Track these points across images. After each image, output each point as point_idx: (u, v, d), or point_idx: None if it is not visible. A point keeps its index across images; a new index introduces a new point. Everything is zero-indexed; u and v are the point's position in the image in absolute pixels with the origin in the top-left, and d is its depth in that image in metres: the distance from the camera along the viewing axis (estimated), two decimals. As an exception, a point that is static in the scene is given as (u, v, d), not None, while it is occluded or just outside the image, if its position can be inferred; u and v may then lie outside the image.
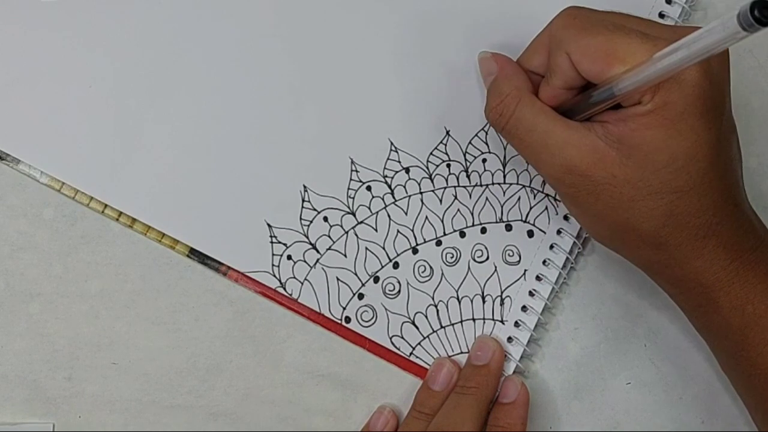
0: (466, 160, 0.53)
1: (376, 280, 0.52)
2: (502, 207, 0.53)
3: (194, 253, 0.51)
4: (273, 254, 0.52)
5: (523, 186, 0.53)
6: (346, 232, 0.52)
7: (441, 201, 0.52)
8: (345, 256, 0.52)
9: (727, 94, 0.44)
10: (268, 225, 0.52)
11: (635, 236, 0.44)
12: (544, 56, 0.46)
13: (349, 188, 0.52)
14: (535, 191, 0.53)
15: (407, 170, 0.52)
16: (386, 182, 0.52)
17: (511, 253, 0.53)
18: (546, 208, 0.53)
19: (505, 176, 0.53)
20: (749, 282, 0.44)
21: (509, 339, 0.52)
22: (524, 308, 0.52)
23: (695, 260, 0.44)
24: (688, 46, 0.36)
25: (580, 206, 0.45)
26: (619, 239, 0.45)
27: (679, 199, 0.42)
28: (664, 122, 0.41)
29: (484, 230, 0.53)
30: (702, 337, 0.48)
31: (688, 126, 0.41)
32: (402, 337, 0.52)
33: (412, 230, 0.52)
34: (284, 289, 0.52)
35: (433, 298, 0.52)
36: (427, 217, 0.52)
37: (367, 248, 0.52)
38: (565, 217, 0.53)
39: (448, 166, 0.53)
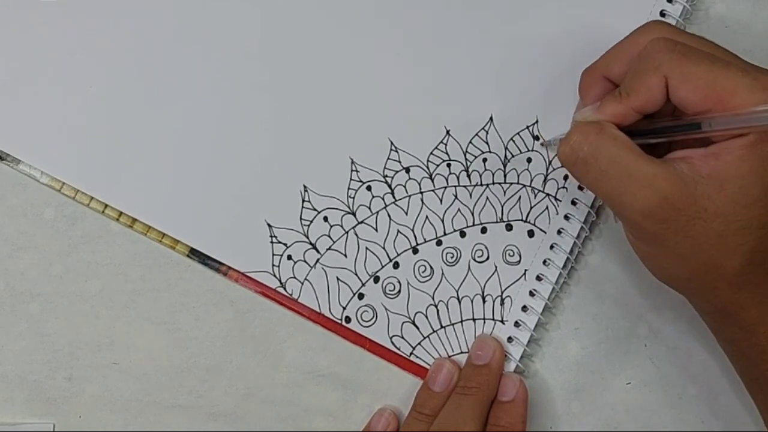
0: (466, 159, 0.53)
1: (377, 280, 0.52)
2: (502, 207, 0.53)
3: (194, 253, 0.51)
4: (273, 254, 0.52)
5: (524, 186, 0.53)
6: (347, 232, 0.52)
7: (441, 201, 0.52)
8: (345, 256, 0.52)
9: None
10: (269, 225, 0.52)
11: (717, 276, 0.43)
12: (625, 67, 0.45)
13: (349, 188, 0.52)
14: (536, 191, 0.53)
15: (407, 170, 0.52)
16: (386, 182, 0.52)
17: (511, 253, 0.53)
18: (546, 207, 0.53)
19: (505, 176, 0.53)
20: None
21: (509, 339, 0.52)
22: (524, 308, 0.52)
23: None
24: None
25: (664, 246, 0.43)
26: (698, 280, 0.44)
27: (766, 235, 0.42)
28: (761, 156, 0.41)
29: (484, 230, 0.53)
30: (755, 391, 0.47)
31: None
32: (402, 337, 0.52)
33: (413, 230, 0.52)
34: (284, 289, 0.52)
35: (433, 298, 0.52)
36: (427, 217, 0.52)
37: (367, 248, 0.52)
38: (566, 217, 0.53)
39: (449, 165, 0.53)
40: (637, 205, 0.42)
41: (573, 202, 0.52)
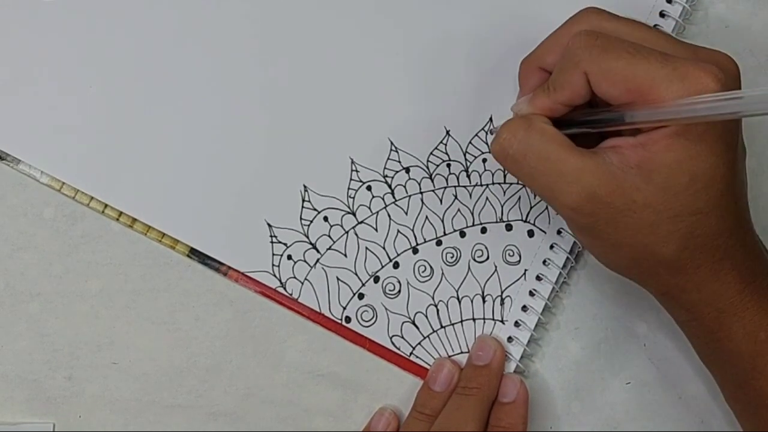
0: (466, 159, 0.53)
1: (377, 279, 0.52)
2: (502, 207, 0.53)
3: (194, 253, 0.51)
4: (273, 254, 0.52)
5: (524, 186, 0.53)
6: (347, 232, 0.52)
7: (441, 201, 0.52)
8: (345, 255, 0.52)
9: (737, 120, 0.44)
10: (269, 225, 0.52)
11: (655, 262, 0.43)
12: (558, 57, 0.45)
13: (349, 188, 0.52)
14: (536, 191, 0.53)
15: (407, 170, 0.52)
16: (386, 182, 0.52)
17: (511, 253, 0.53)
18: (546, 207, 0.53)
19: (505, 176, 0.53)
20: (762, 308, 0.44)
21: (509, 339, 0.52)
22: (524, 308, 0.52)
23: (712, 283, 0.43)
24: (714, 106, 0.37)
25: (598, 237, 0.44)
26: (637, 267, 0.45)
27: (698, 221, 0.42)
28: (686, 144, 0.41)
29: (484, 230, 0.53)
30: (710, 368, 0.48)
31: (708, 147, 0.41)
32: (402, 337, 0.52)
33: (413, 230, 0.52)
34: (284, 288, 0.52)
35: (433, 298, 0.52)
36: (427, 217, 0.52)
37: (367, 248, 0.52)
38: (566, 217, 0.53)
39: (449, 165, 0.53)
40: (566, 200, 0.42)
41: (573, 202, 0.52)
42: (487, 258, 0.52)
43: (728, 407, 0.49)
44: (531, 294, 0.52)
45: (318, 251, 0.52)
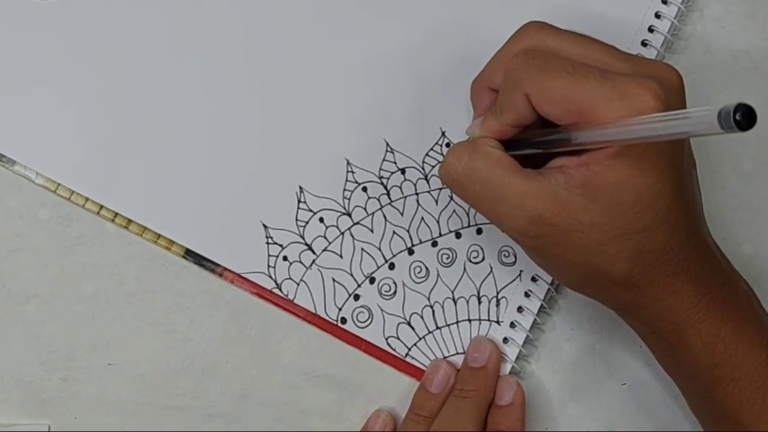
0: (462, 160, 0.53)
1: (372, 281, 0.52)
2: (498, 208, 0.53)
3: (190, 254, 0.51)
4: (269, 255, 0.51)
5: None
6: (342, 233, 0.52)
7: (437, 202, 0.52)
8: (341, 257, 0.52)
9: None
10: (264, 226, 0.52)
11: (607, 280, 0.43)
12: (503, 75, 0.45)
13: (345, 189, 0.52)
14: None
15: (403, 171, 0.52)
16: (382, 183, 0.52)
17: (506, 254, 0.53)
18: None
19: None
20: (719, 320, 0.44)
21: (505, 340, 0.52)
22: (520, 309, 0.53)
23: (667, 298, 0.43)
24: (655, 127, 0.36)
25: (547, 257, 0.44)
26: (591, 285, 0.45)
27: (646, 238, 0.42)
28: (628, 162, 0.41)
29: (479, 231, 0.53)
30: (672, 378, 0.48)
31: (651, 164, 0.41)
32: (398, 338, 0.52)
33: (408, 231, 0.52)
34: (280, 290, 0.52)
35: (428, 299, 0.52)
36: (422, 218, 0.52)
37: (362, 249, 0.52)
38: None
39: (444, 166, 0.53)
40: (511, 224, 0.43)
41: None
42: (483, 259, 0.53)
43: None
44: (526, 295, 0.52)
45: (314, 252, 0.52)
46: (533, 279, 0.52)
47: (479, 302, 0.52)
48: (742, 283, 0.46)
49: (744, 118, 0.31)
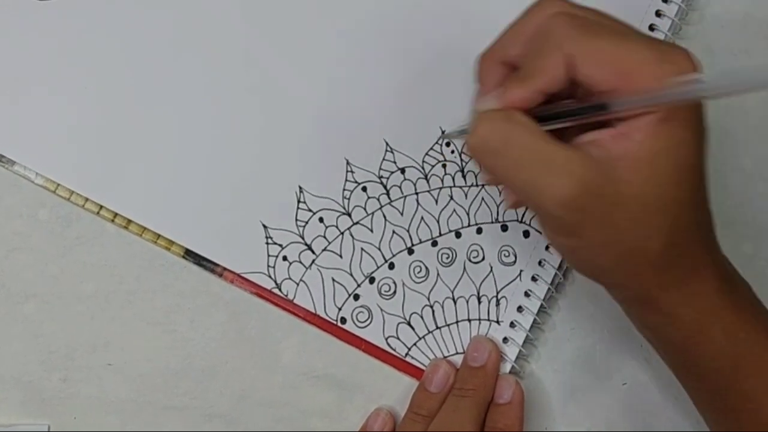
0: (461, 160, 0.53)
1: (372, 280, 0.52)
2: (497, 207, 0.53)
3: (190, 254, 0.51)
4: (269, 255, 0.51)
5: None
6: (342, 233, 0.52)
7: (437, 201, 0.52)
8: (340, 256, 0.52)
9: (704, 113, 0.43)
10: (264, 226, 0.52)
11: (641, 259, 0.41)
12: (522, 49, 0.42)
13: (344, 189, 0.52)
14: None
15: (403, 171, 0.52)
16: (382, 183, 0.52)
17: (506, 254, 0.53)
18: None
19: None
20: (739, 308, 0.43)
21: (505, 339, 0.52)
22: (520, 309, 0.52)
23: (692, 280, 0.42)
24: (714, 80, 0.35)
25: (583, 236, 0.40)
26: (623, 267, 0.42)
27: (681, 212, 0.41)
28: (671, 133, 0.39)
29: (479, 231, 0.53)
30: (684, 377, 0.47)
31: (690, 136, 0.40)
32: (398, 338, 0.52)
33: (408, 231, 0.52)
34: (280, 290, 0.51)
35: (428, 299, 0.52)
36: (422, 218, 0.52)
37: (362, 249, 0.52)
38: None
39: (444, 166, 0.53)
40: (556, 194, 0.39)
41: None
42: (483, 258, 0.52)
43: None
44: (526, 295, 0.52)
45: (313, 252, 0.52)
46: (533, 279, 0.52)
47: (479, 302, 0.52)
48: (740, 274, 0.46)
49: None
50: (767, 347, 0.43)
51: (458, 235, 0.53)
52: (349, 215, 0.52)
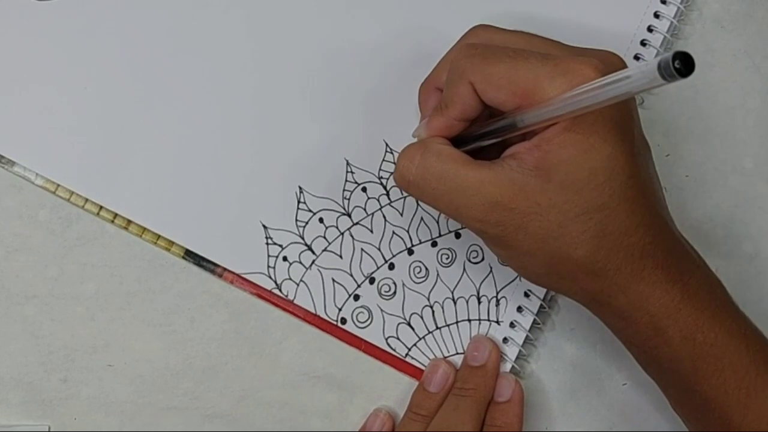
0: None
1: (372, 281, 0.52)
2: (497, 208, 0.53)
3: (190, 255, 0.51)
4: (269, 255, 0.51)
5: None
6: (342, 234, 0.52)
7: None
8: (340, 257, 0.52)
9: (633, 110, 0.44)
10: (264, 226, 0.52)
11: (572, 266, 0.42)
12: None
13: (344, 189, 0.52)
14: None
15: (403, 171, 0.52)
16: (382, 183, 0.52)
17: (506, 254, 0.53)
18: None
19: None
20: (695, 308, 0.43)
21: (505, 339, 0.52)
22: (519, 309, 0.52)
23: (637, 284, 0.43)
24: (599, 93, 0.37)
25: (509, 246, 0.43)
26: (556, 273, 0.43)
27: (607, 218, 0.41)
28: (578, 138, 0.41)
29: (479, 231, 0.53)
30: (652, 375, 0.47)
31: (601, 138, 0.41)
32: (398, 338, 0.52)
33: (408, 231, 0.52)
34: (280, 290, 0.52)
35: (428, 299, 0.52)
36: (422, 218, 0.52)
37: (362, 249, 0.52)
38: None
39: (444, 167, 0.53)
40: (471, 213, 0.42)
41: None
42: (482, 259, 0.52)
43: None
44: (526, 295, 0.52)
45: (313, 252, 0.52)
46: (533, 279, 0.52)
47: (479, 302, 0.52)
48: (712, 273, 0.46)
49: (683, 65, 0.32)
50: (727, 349, 0.43)
51: (458, 235, 0.53)
52: (349, 216, 0.52)
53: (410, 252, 0.52)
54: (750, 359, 0.43)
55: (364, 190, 0.52)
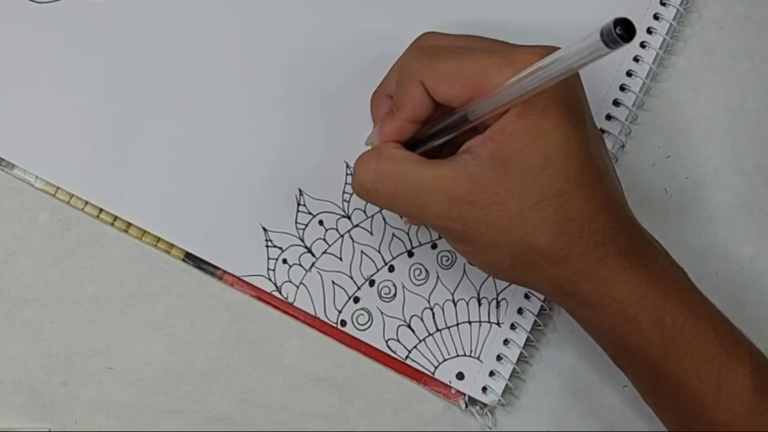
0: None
1: (372, 283, 0.52)
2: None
3: (190, 258, 0.51)
4: (268, 258, 0.51)
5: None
6: (342, 236, 0.52)
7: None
8: (340, 259, 0.52)
9: (584, 100, 0.44)
10: (264, 229, 0.52)
11: (537, 255, 0.43)
12: None
13: (344, 192, 0.52)
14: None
15: (402, 173, 0.52)
16: (382, 185, 0.52)
17: (507, 256, 0.53)
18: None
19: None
20: (662, 292, 0.43)
21: (505, 341, 0.52)
22: (520, 311, 0.52)
23: (602, 270, 0.43)
24: (546, 72, 0.37)
25: (473, 241, 0.43)
26: (521, 264, 0.43)
27: (566, 203, 0.42)
28: (530, 126, 0.41)
29: (479, 233, 0.53)
30: (622, 366, 0.47)
31: (553, 125, 0.41)
32: (398, 341, 0.52)
33: (408, 233, 0.52)
34: (280, 293, 0.51)
35: (428, 301, 0.52)
36: (422, 220, 0.52)
37: (362, 252, 0.52)
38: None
39: (444, 169, 0.52)
40: (432, 211, 0.43)
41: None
42: (483, 261, 0.52)
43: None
44: (526, 296, 0.52)
45: (313, 255, 0.52)
46: (533, 280, 0.52)
47: (479, 304, 0.52)
48: (674, 260, 0.46)
49: (625, 30, 0.33)
50: (695, 331, 0.44)
51: (458, 237, 0.53)
52: (349, 218, 0.52)
53: (410, 254, 0.52)
54: (719, 341, 0.44)
55: (364, 192, 0.52)
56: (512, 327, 0.52)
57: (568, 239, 0.42)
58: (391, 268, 0.52)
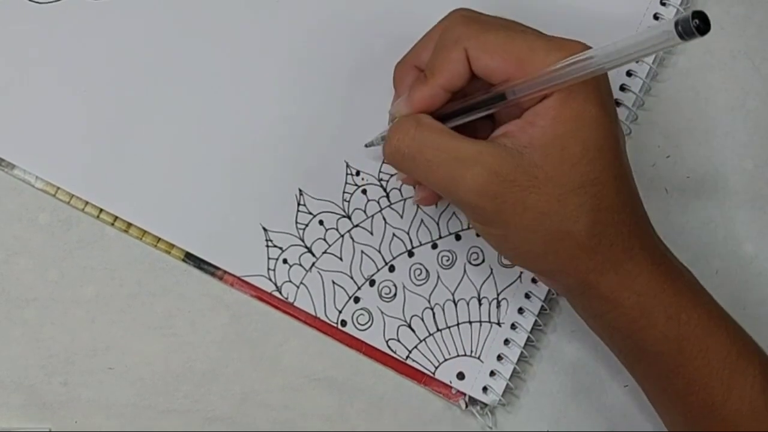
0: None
1: (372, 283, 0.52)
2: (498, 210, 0.53)
3: (190, 258, 0.51)
4: (269, 258, 0.51)
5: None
6: (342, 236, 0.52)
7: (436, 204, 0.52)
8: (341, 259, 0.52)
9: (613, 105, 0.44)
10: (264, 229, 0.52)
11: (571, 241, 0.42)
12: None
13: (344, 192, 0.52)
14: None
15: (403, 173, 0.52)
16: (382, 185, 0.52)
17: (507, 256, 0.53)
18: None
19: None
20: (677, 290, 0.44)
21: (506, 341, 0.52)
22: (521, 310, 0.52)
23: (627, 262, 0.43)
24: (612, 54, 0.37)
25: (507, 223, 0.43)
26: (553, 251, 0.43)
27: (600, 192, 0.42)
28: (573, 114, 0.41)
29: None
30: (633, 363, 0.47)
31: (594, 115, 0.42)
32: (398, 341, 0.52)
33: (408, 233, 0.52)
34: (280, 293, 0.51)
35: (429, 301, 0.52)
36: (422, 220, 0.52)
37: (362, 251, 0.52)
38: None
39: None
40: (470, 185, 0.42)
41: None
42: (483, 260, 0.52)
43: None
44: (527, 296, 0.52)
45: (313, 255, 0.52)
46: (533, 280, 0.52)
47: (480, 304, 0.52)
48: (681, 262, 0.46)
49: (703, 22, 0.33)
50: (709, 329, 0.44)
51: (458, 237, 0.53)
52: (349, 218, 0.52)
53: (410, 254, 0.52)
54: (731, 341, 0.44)
55: (364, 192, 0.52)
56: (513, 327, 0.52)
57: (601, 227, 0.42)
58: (392, 268, 0.52)
